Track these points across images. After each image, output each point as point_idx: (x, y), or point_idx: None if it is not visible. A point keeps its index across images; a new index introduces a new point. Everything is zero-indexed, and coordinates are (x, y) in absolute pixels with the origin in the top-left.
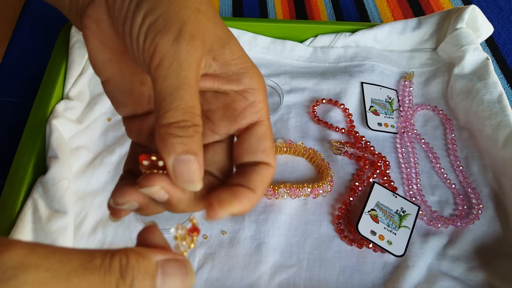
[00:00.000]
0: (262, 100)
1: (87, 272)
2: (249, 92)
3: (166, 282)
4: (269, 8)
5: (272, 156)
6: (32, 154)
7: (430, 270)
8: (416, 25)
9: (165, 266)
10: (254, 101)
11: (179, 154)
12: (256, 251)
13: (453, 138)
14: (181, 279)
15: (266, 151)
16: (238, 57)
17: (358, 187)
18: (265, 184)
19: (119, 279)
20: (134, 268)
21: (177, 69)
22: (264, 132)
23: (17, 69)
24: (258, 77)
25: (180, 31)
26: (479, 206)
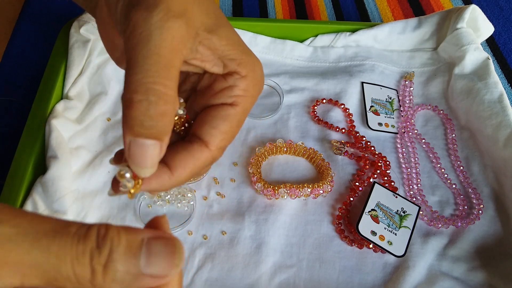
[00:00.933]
0: (244, 88)
1: (58, 236)
2: (231, 76)
3: (151, 262)
4: (269, 8)
5: (218, 139)
6: (31, 154)
7: (431, 271)
8: (416, 25)
9: (151, 244)
10: (234, 85)
11: (137, 136)
12: (256, 251)
13: (453, 138)
14: (167, 260)
15: (215, 129)
16: (226, 44)
17: (359, 187)
18: (191, 165)
19: (94, 249)
20: (113, 240)
21: (147, 37)
22: (227, 114)
23: (17, 69)
24: (246, 65)
25: (155, 2)
26: (479, 206)
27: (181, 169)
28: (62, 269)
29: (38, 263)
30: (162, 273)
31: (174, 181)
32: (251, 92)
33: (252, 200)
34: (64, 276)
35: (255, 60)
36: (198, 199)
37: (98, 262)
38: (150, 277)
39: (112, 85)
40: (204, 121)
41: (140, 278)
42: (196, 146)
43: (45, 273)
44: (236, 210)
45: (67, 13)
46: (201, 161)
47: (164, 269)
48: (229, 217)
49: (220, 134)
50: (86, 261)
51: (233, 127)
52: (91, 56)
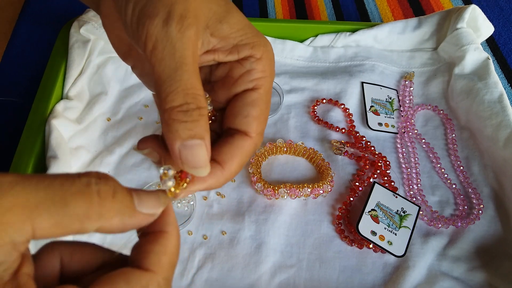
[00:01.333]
0: (261, 70)
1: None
2: (247, 60)
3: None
4: (269, 8)
5: (255, 125)
6: (31, 154)
7: (431, 271)
8: (416, 25)
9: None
10: (251, 69)
11: (184, 139)
12: (256, 251)
13: (453, 138)
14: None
15: (248, 117)
16: (237, 30)
17: (359, 187)
18: (238, 156)
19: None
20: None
21: (171, 50)
22: (253, 100)
23: (17, 69)
24: (260, 47)
25: (169, 13)
26: (479, 206)
27: (231, 162)
28: (69, 201)
29: (45, 201)
30: (153, 211)
31: (227, 175)
32: (269, 72)
33: (252, 200)
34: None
35: (266, 40)
36: (198, 199)
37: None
38: (142, 215)
39: (112, 85)
40: (234, 112)
41: (135, 215)
42: (237, 137)
43: (53, 212)
44: (236, 210)
45: (67, 13)
46: (246, 150)
47: (153, 206)
48: (229, 217)
49: (254, 120)
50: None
51: (263, 109)
52: (91, 56)
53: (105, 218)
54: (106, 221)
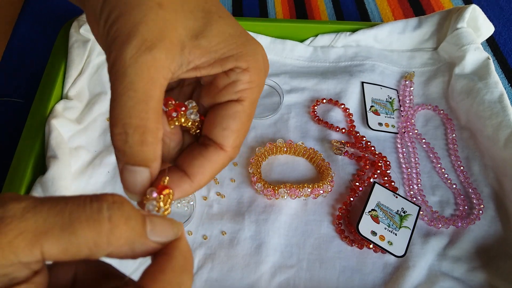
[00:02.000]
0: (248, 80)
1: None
2: (233, 71)
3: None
4: (269, 7)
5: (232, 139)
6: (31, 154)
7: (431, 271)
8: (416, 25)
9: (151, 217)
10: (237, 80)
11: (125, 163)
12: (256, 252)
13: (454, 138)
14: (168, 228)
15: (226, 130)
16: (218, 43)
17: (359, 187)
18: (209, 170)
19: (111, 204)
20: (123, 202)
21: (122, 75)
22: (235, 112)
23: (16, 69)
24: (246, 57)
25: (129, 35)
26: (480, 206)
27: (200, 175)
28: (77, 229)
29: (54, 228)
30: (164, 240)
31: (195, 187)
32: (256, 82)
33: (252, 200)
34: (79, 238)
35: (255, 47)
36: (198, 199)
37: (117, 217)
38: (153, 243)
39: None
40: (214, 122)
41: (145, 242)
42: (211, 150)
43: (61, 239)
44: (236, 210)
45: (67, 13)
46: (218, 163)
47: (166, 236)
48: (229, 217)
49: (232, 134)
50: (103, 216)
51: (244, 123)
52: (91, 56)
53: (115, 246)
54: (115, 249)
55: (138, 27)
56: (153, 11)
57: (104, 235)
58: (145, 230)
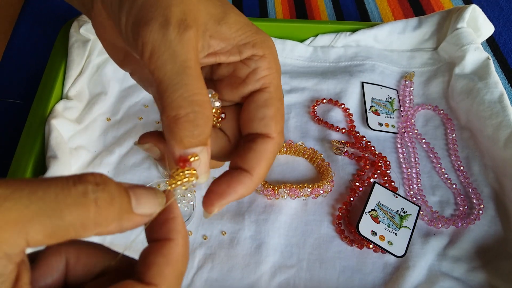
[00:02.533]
0: (267, 67)
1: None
2: (251, 59)
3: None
4: (269, 7)
5: (273, 125)
6: (31, 154)
7: (431, 271)
8: (416, 25)
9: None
10: (257, 68)
11: (187, 147)
12: (256, 252)
13: (454, 138)
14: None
15: (264, 119)
16: (236, 30)
17: (359, 187)
18: (264, 160)
19: (94, 186)
20: (106, 180)
21: (172, 55)
22: (265, 100)
23: (16, 69)
24: (261, 44)
25: (166, 17)
26: (480, 206)
27: (258, 168)
28: (64, 214)
29: (38, 215)
30: (150, 211)
31: (257, 181)
32: (275, 68)
33: (252, 200)
34: (66, 222)
35: (267, 36)
36: (198, 199)
37: (103, 198)
38: (140, 216)
39: (111, 85)
40: (250, 117)
41: (132, 217)
42: (259, 142)
43: (47, 224)
44: (236, 210)
45: (67, 13)
46: (270, 152)
47: (151, 207)
48: (229, 217)
49: (271, 121)
50: (89, 199)
51: (278, 107)
52: (91, 56)
53: (102, 226)
54: (103, 228)
55: (171, 8)
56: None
57: (91, 217)
58: (131, 206)
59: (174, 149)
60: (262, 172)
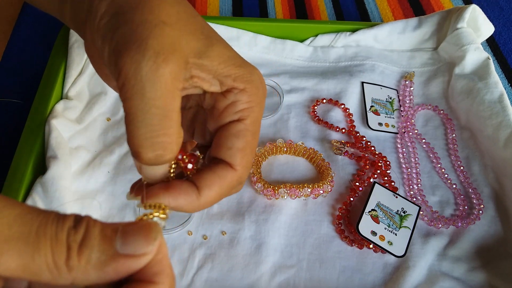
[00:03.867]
0: (246, 100)
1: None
2: (231, 92)
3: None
4: (269, 7)
5: (239, 157)
6: (31, 154)
7: (431, 271)
8: (416, 25)
9: (126, 227)
10: (236, 101)
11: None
12: (256, 252)
13: (454, 138)
14: (144, 236)
15: (232, 149)
16: (219, 63)
17: (359, 187)
18: (217, 185)
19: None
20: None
21: (141, 90)
22: (238, 131)
23: (16, 69)
24: (242, 78)
25: (141, 48)
26: (480, 206)
27: (208, 189)
28: (41, 247)
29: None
30: (139, 251)
31: (202, 201)
32: (255, 102)
33: (252, 200)
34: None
35: (251, 69)
36: None
37: (74, 240)
38: (126, 257)
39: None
40: (220, 143)
41: (116, 259)
42: (220, 166)
43: (23, 254)
44: (236, 210)
45: None
46: (227, 180)
47: (140, 247)
48: (229, 217)
49: (238, 152)
50: (63, 238)
51: (249, 141)
52: None
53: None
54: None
55: (148, 41)
56: (159, 27)
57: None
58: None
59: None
60: (211, 196)
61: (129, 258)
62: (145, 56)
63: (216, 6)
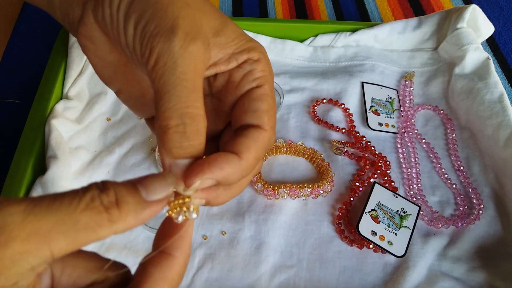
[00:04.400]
0: (261, 69)
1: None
2: (246, 63)
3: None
4: (269, 7)
5: (266, 118)
6: (31, 154)
7: (431, 271)
8: (416, 25)
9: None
10: (252, 69)
11: (176, 158)
12: (256, 252)
13: (454, 138)
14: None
15: (257, 111)
16: (233, 39)
17: (359, 187)
18: (254, 147)
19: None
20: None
21: (172, 66)
22: (260, 95)
23: (16, 69)
24: (255, 50)
25: (172, 28)
26: (480, 206)
27: (247, 153)
28: (79, 219)
29: (58, 224)
30: (163, 195)
31: (244, 166)
32: (268, 71)
33: (252, 200)
34: (83, 226)
35: (259, 44)
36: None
37: (109, 201)
38: (155, 203)
39: None
40: (244, 109)
41: (147, 206)
42: (251, 130)
43: (67, 232)
44: (236, 210)
45: None
46: (261, 142)
47: (162, 190)
48: (229, 217)
49: (264, 114)
50: (97, 204)
51: (271, 105)
52: None
53: (118, 223)
54: (120, 224)
55: (178, 21)
56: (184, 9)
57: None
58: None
59: (163, 157)
60: (251, 158)
61: (156, 203)
62: (177, 35)
63: (216, 6)
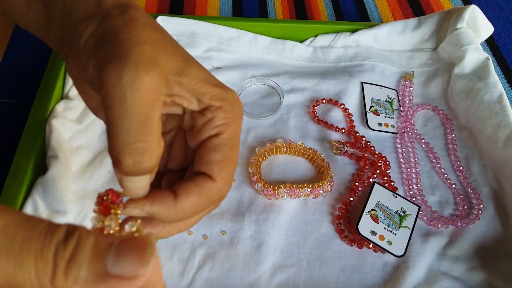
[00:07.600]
0: (223, 116)
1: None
2: (208, 110)
3: (119, 260)
4: (269, 8)
5: (217, 170)
6: (32, 154)
7: (430, 270)
8: (416, 25)
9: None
10: (213, 117)
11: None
12: (256, 251)
13: (453, 138)
14: (137, 257)
15: (209, 162)
16: (197, 82)
17: (358, 187)
18: (195, 194)
19: (61, 242)
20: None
21: (122, 98)
22: (215, 145)
23: (17, 69)
24: (218, 97)
25: (123, 60)
26: (479, 206)
27: (185, 196)
28: (24, 263)
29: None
30: (131, 273)
31: (178, 209)
32: (231, 118)
33: (252, 200)
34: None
35: (226, 89)
36: None
37: (61, 257)
38: (117, 278)
39: None
40: (200, 158)
41: (105, 279)
42: (200, 177)
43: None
44: (236, 210)
45: None
46: (206, 191)
47: (133, 268)
48: (229, 217)
49: (216, 164)
50: (49, 255)
51: (227, 154)
52: None
53: None
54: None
55: (131, 53)
56: (141, 45)
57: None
58: (105, 266)
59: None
60: (187, 204)
61: (120, 279)
62: (126, 66)
63: (216, 6)
